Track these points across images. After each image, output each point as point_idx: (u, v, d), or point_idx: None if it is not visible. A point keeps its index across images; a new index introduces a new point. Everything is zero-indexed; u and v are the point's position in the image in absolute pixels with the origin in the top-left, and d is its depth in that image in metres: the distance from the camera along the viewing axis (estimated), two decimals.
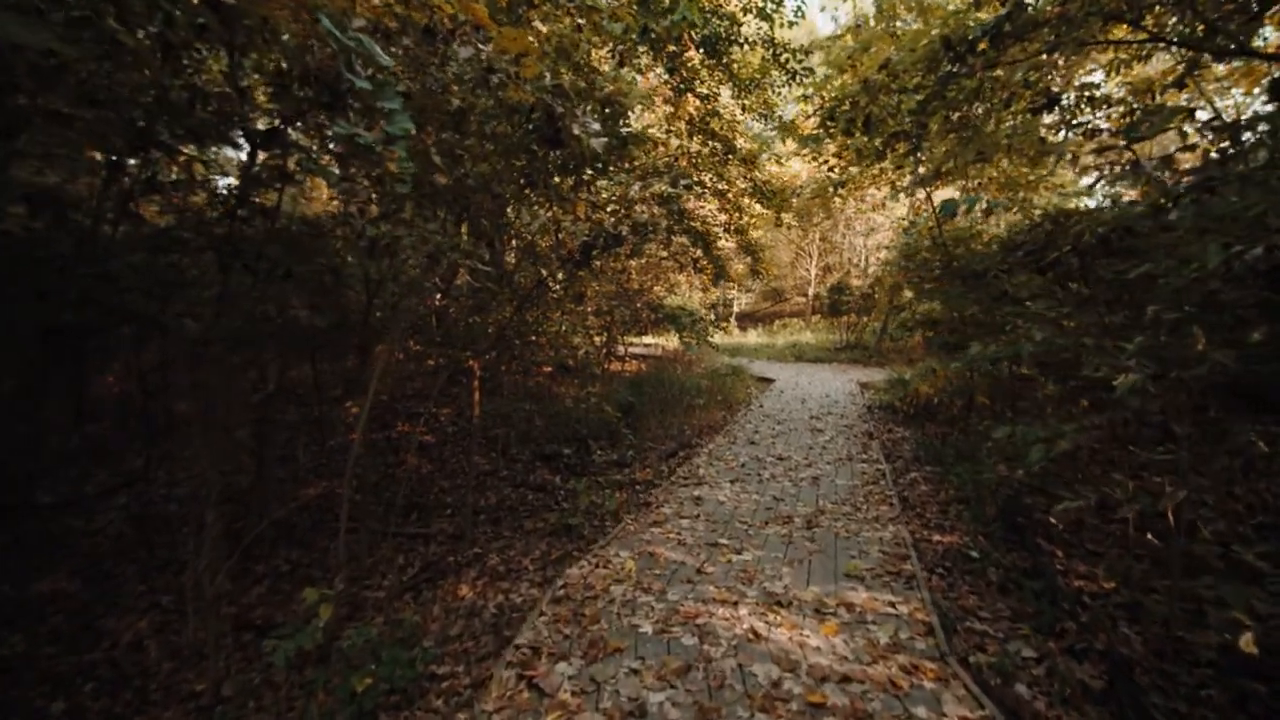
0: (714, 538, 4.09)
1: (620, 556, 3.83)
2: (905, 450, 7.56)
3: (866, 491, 5.22)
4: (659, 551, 3.86)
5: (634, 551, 3.92)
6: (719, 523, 4.39)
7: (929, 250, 8.16)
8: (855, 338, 20.52)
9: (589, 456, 8.20)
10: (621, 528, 4.46)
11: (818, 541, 4.02)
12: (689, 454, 7.66)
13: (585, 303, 7.68)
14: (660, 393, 10.98)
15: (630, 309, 12.65)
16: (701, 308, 19.78)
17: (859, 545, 3.98)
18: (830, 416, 9.37)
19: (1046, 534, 4.38)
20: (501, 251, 8.98)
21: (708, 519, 4.48)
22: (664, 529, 4.28)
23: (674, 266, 13.70)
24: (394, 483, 7.50)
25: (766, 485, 5.41)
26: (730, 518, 4.51)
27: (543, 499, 6.61)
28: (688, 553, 3.83)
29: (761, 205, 12.72)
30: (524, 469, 7.85)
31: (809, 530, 4.22)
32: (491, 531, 5.68)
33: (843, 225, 27.24)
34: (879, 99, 5.57)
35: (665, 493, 5.31)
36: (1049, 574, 3.76)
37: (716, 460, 6.43)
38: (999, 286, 4.96)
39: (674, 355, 16.21)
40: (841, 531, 4.17)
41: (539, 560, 4.69)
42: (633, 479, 6.89)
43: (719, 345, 14.16)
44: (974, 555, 4.22)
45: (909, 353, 17.80)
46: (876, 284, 20.45)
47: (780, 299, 33.35)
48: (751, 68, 9.66)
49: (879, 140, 6.28)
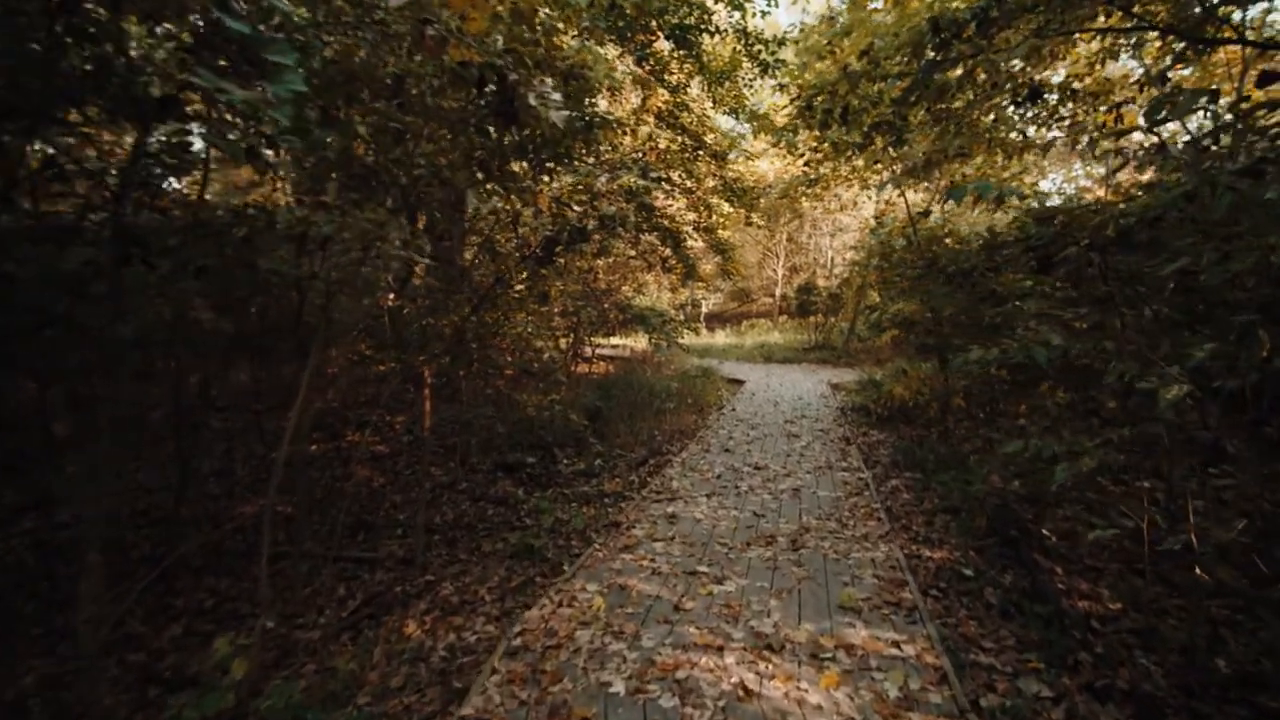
0: (692, 564, 3.70)
1: (587, 591, 3.39)
2: (883, 455, 7.32)
3: (851, 504, 4.90)
4: (631, 583, 3.44)
5: (603, 584, 3.48)
6: (696, 545, 4.00)
7: (904, 249, 7.96)
8: (823, 338, 20.49)
9: (554, 466, 7.74)
10: (589, 554, 4.02)
11: (805, 565, 3.67)
12: (660, 463, 7.27)
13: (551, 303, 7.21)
14: (629, 396, 10.58)
15: (598, 309, 12.21)
16: (670, 308, 19.46)
17: (850, 569, 3.64)
18: (805, 420, 9.10)
19: (1042, 548, 4.13)
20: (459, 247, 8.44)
21: (684, 541, 4.08)
22: (636, 555, 3.85)
23: (642, 266, 13.32)
24: (341, 498, 6.90)
25: (745, 499, 5.05)
26: (708, 538, 4.12)
27: (503, 514, 6.12)
28: (663, 584, 3.42)
29: (731, 204, 12.44)
30: (484, 480, 7.34)
31: (795, 552, 3.87)
32: (446, 554, 5.18)
33: (809, 226, 27.32)
34: (859, 88, 5.27)
35: (637, 510, 4.90)
36: (1052, 595, 3.48)
37: (690, 471, 6.05)
38: (986, 285, 4.71)
39: (643, 356, 15.83)
40: (830, 552, 3.84)
41: (497, 589, 4.22)
42: (601, 491, 6.47)
43: (688, 347, 13.83)
44: (969, 574, 3.94)
45: (877, 353, 17.81)
46: (844, 284, 20.47)
47: (748, 299, 33.33)
48: (722, 60, 9.35)
49: (859, 133, 6.00)
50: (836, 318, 20.68)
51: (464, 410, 8.26)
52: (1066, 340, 2.47)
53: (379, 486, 7.22)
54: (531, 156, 3.57)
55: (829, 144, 6.45)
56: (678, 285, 15.69)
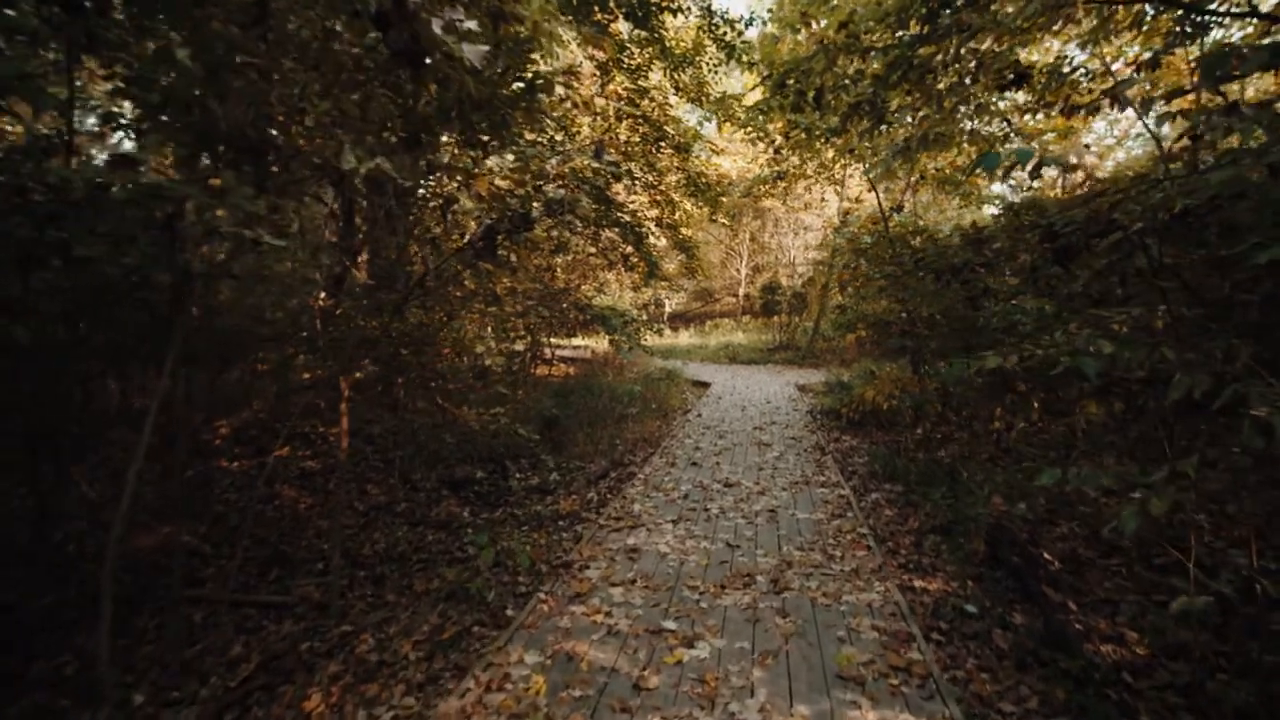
0: (656, 617, 3.08)
1: (525, 665, 2.71)
2: (859, 464, 6.88)
3: (835, 528, 4.38)
4: (581, 650, 2.80)
5: (545, 654, 2.78)
6: (661, 589, 3.38)
7: (876, 245, 7.55)
8: (788, 338, 20.22)
9: (506, 481, 7.04)
10: (532, 607, 3.34)
11: (792, 615, 3.09)
12: (622, 476, 6.66)
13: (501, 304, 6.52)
14: (589, 402, 9.95)
15: (556, 309, 11.52)
16: (633, 308, 18.88)
17: (845, 619, 3.07)
18: (775, 426, 8.62)
19: (1047, 576, 3.68)
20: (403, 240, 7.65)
21: (646, 584, 3.45)
22: (589, 606, 3.19)
23: (603, 264, 12.69)
24: (261, 525, 6.06)
25: (716, 525, 4.47)
26: (675, 579, 3.50)
27: (444, 542, 5.42)
28: (621, 648, 2.77)
29: (694, 200, 11.92)
30: (426, 500, 6.60)
31: (778, 596, 3.30)
32: (371, 595, 4.46)
33: (772, 225, 27.14)
34: (837, 64, 4.77)
35: (592, 544, 4.24)
36: (1072, 640, 3.01)
37: (654, 490, 5.45)
38: (978, 283, 4.25)
39: (605, 359, 15.20)
40: (819, 596, 3.29)
41: (425, 643, 3.54)
42: (556, 511, 5.82)
43: (651, 348, 13.26)
44: (972, 611, 3.45)
45: (842, 353, 17.60)
46: (809, 284, 20.26)
47: (711, 299, 33.03)
48: (685, 44, 8.80)
49: (834, 117, 5.51)
50: (801, 317, 20.45)
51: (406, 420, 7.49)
52: (1119, 348, 1.99)
53: (304, 510, 6.39)
54: (456, 121, 2.91)
55: (801, 130, 5.95)
56: (640, 284, 15.10)
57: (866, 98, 4.62)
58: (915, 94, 4.99)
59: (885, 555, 4.10)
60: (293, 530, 5.88)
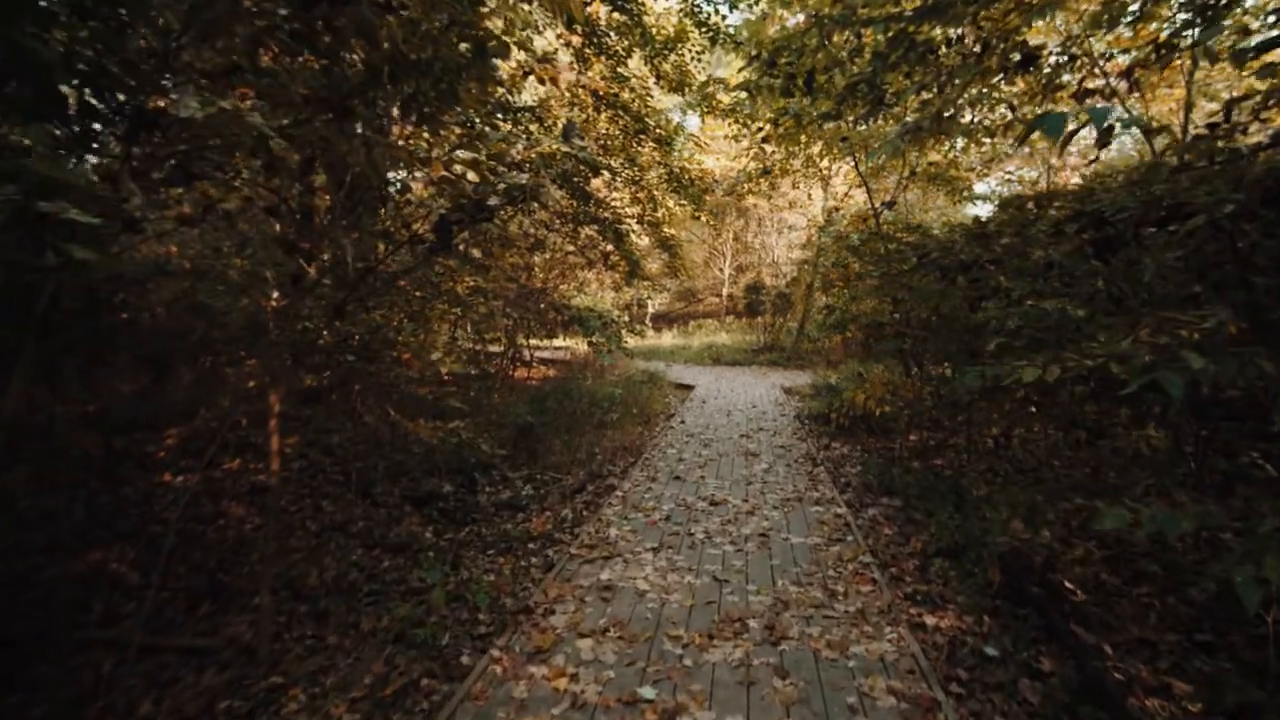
0: (631, 680, 2.60)
1: None
2: (851, 473, 6.48)
3: (834, 556, 3.93)
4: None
5: None
6: (639, 641, 2.89)
7: (869, 241, 7.17)
8: (772, 339, 19.88)
9: (475, 496, 6.52)
10: (482, 670, 2.80)
11: (793, 675, 2.60)
12: (600, 490, 6.18)
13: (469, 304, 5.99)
14: (567, 407, 9.44)
15: (534, 310, 11.00)
16: (615, 308, 18.40)
17: (855, 679, 2.55)
18: (762, 434, 8.20)
19: (1073, 610, 3.27)
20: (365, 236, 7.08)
21: (621, 633, 2.96)
22: (551, 667, 2.67)
23: (582, 262, 12.20)
24: (199, 548, 5.49)
25: (702, 553, 3.99)
26: (655, 626, 3.00)
27: (401, 568, 4.90)
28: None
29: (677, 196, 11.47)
30: (387, 517, 6.06)
31: (774, 647, 2.82)
32: (311, 636, 3.94)
33: (755, 225, 26.85)
34: (832, 40, 4.34)
35: (560, 579, 3.70)
36: (1114, 693, 2.60)
37: (633, 510, 4.96)
38: (989, 281, 3.85)
39: (585, 361, 14.70)
40: (822, 647, 2.82)
41: (364, 701, 3.04)
42: (526, 532, 5.33)
43: (631, 350, 12.79)
44: (993, 654, 3.03)
45: (828, 354, 17.29)
46: (793, 284, 19.94)
47: (694, 299, 32.67)
48: (667, 31, 8.34)
49: (827, 103, 5.08)
50: (785, 318, 20.12)
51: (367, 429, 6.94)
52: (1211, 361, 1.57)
53: (251, 531, 5.81)
54: (389, 86, 2.41)
55: (790, 117, 5.52)
56: (621, 284, 14.64)
57: (865, 77, 4.20)
58: (916, 74, 4.58)
59: (891, 586, 3.67)
60: (234, 555, 5.31)
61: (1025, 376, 2.11)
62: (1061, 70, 4.80)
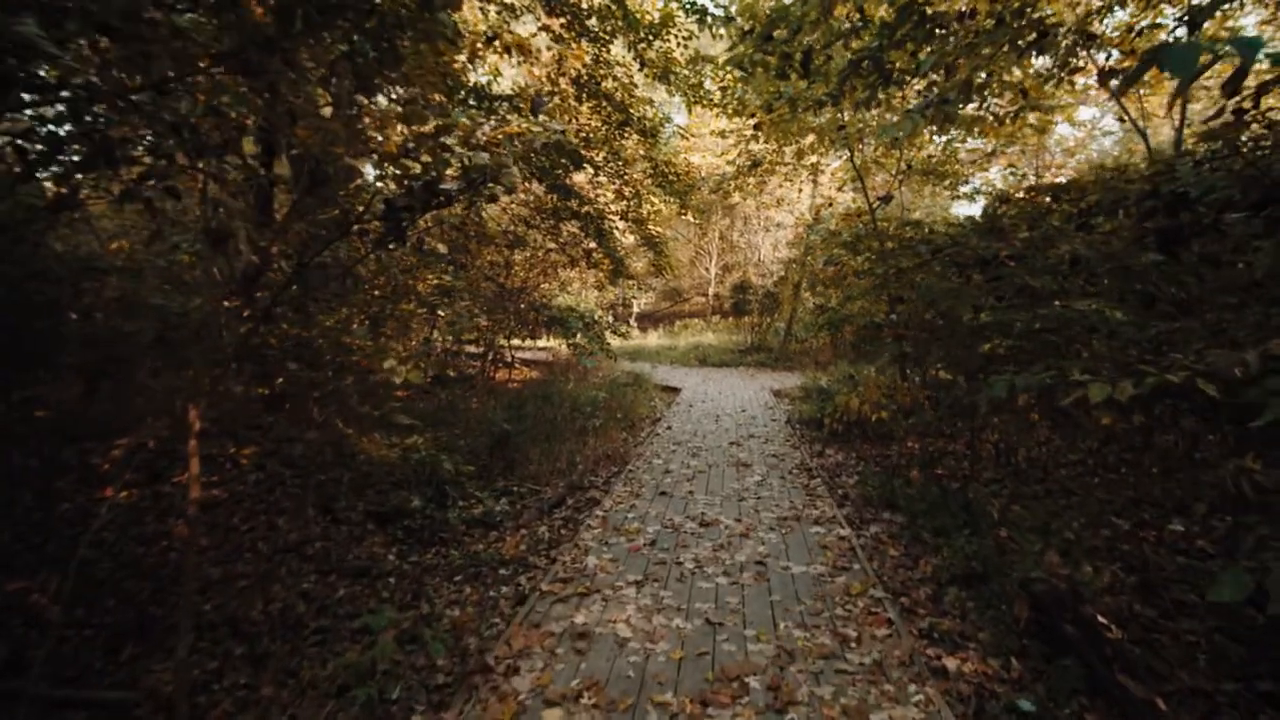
0: None
1: None
2: (849, 483, 6.08)
3: (841, 589, 3.47)
4: None
5: None
6: (618, 710, 2.40)
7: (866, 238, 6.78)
8: (759, 339, 19.52)
9: (445, 511, 6.02)
10: None
11: None
12: (579, 505, 5.73)
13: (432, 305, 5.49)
14: (547, 413, 8.97)
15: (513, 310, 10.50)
16: (598, 308, 17.92)
17: None
18: (753, 441, 7.78)
19: (1117, 655, 2.87)
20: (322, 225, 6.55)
21: (596, 699, 2.46)
22: None
23: (564, 260, 11.71)
24: (134, 575, 4.95)
25: (692, 587, 3.52)
26: (638, 688, 2.53)
27: (357, 598, 4.41)
28: None
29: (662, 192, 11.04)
30: (348, 536, 5.56)
31: (780, 715, 2.38)
32: (244, 685, 3.44)
33: (741, 224, 26.53)
34: (834, 11, 3.93)
35: (528, 625, 3.17)
36: None
37: (615, 534, 4.49)
38: (1013, 279, 3.45)
39: (568, 362, 14.21)
40: (837, 715, 2.36)
41: None
42: (498, 553, 4.86)
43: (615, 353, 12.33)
44: (1028, 709, 2.62)
45: (816, 355, 16.96)
46: (781, 283, 19.59)
47: (680, 299, 32.30)
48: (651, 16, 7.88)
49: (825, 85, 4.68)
50: (773, 318, 19.77)
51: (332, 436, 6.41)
52: None
53: (199, 550, 5.26)
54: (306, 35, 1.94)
55: (784, 102, 5.10)
56: (605, 282, 14.17)
57: (870, 53, 3.78)
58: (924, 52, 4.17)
59: (905, 619, 3.25)
60: (173, 584, 4.76)
61: (1094, 395, 1.70)
62: (1078, 49, 4.43)
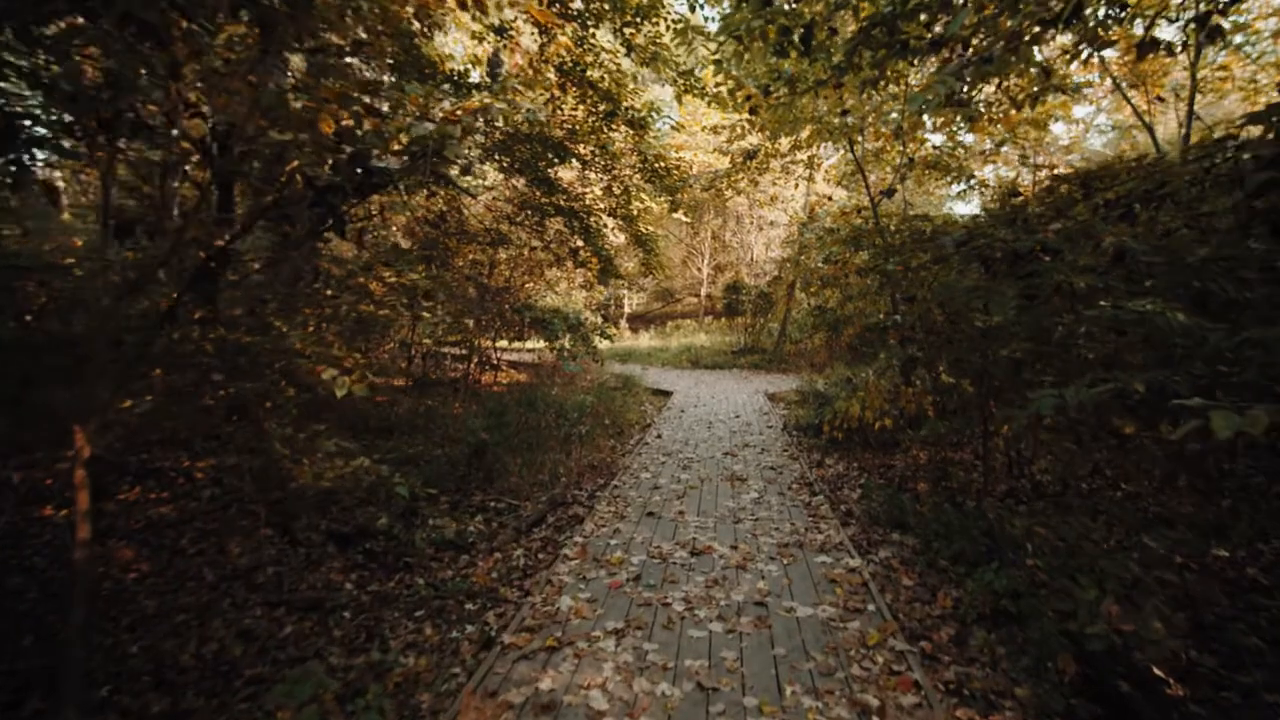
0: None
1: None
2: (852, 498, 5.63)
3: (855, 638, 2.96)
4: None
5: None
6: None
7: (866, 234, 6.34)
8: (752, 340, 19.09)
9: (414, 528, 5.52)
10: None
11: None
12: (560, 526, 5.24)
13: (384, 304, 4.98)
14: (530, 420, 8.47)
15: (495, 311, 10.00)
16: (587, 309, 17.43)
17: None
18: (749, 450, 7.31)
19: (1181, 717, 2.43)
20: None
21: None
22: None
23: (550, 259, 11.22)
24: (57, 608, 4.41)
25: (681, 637, 2.98)
26: None
27: (306, 635, 3.92)
28: None
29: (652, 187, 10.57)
30: (304, 561, 5.05)
31: None
32: None
33: (734, 223, 26.12)
34: None
35: (483, 696, 2.58)
36: None
37: (593, 565, 3.96)
38: (1050, 275, 3.01)
39: (555, 364, 13.72)
40: None
41: None
42: (467, 582, 4.38)
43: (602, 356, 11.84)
44: None
45: (811, 356, 16.54)
46: (774, 283, 19.16)
47: (672, 299, 31.86)
48: None
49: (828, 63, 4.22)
50: (766, 318, 19.35)
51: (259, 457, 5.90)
52: None
53: (133, 580, 4.74)
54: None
55: (783, 83, 4.65)
56: (594, 282, 13.69)
57: (883, 18, 3.33)
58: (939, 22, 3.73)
59: (929, 673, 2.79)
60: (102, 617, 4.22)
61: (1219, 427, 1.25)
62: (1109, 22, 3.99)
